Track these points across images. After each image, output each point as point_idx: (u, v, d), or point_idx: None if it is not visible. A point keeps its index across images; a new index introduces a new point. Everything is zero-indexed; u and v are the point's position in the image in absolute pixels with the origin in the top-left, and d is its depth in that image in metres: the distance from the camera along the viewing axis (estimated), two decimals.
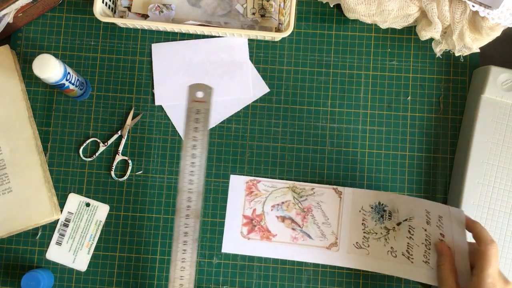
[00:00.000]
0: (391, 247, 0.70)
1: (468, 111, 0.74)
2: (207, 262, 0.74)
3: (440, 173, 0.75)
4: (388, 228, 0.71)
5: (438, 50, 0.75)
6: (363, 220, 0.73)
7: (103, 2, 0.74)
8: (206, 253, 0.74)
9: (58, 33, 0.78)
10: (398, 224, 0.71)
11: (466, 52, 0.73)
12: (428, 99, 0.77)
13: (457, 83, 0.77)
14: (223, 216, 0.75)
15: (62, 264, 0.74)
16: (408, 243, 0.69)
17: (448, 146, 0.76)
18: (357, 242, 0.72)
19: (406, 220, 0.70)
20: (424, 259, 0.67)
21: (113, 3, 0.77)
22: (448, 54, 0.77)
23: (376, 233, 0.72)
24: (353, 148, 0.76)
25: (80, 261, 0.74)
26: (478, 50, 0.73)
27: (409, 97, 0.77)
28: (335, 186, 0.74)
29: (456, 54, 0.74)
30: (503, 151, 0.71)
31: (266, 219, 0.74)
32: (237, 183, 0.75)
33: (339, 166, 0.75)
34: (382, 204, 0.72)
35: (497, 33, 0.70)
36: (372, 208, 0.73)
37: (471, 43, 0.71)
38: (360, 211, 0.73)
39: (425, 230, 0.68)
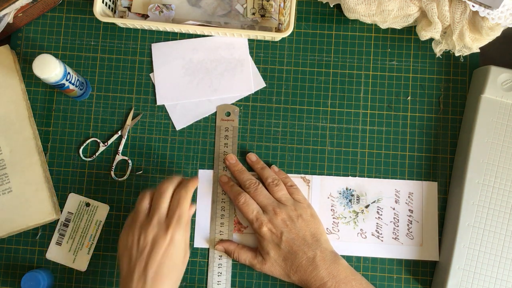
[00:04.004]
0: (361, 229, 0.73)
1: (468, 111, 0.74)
2: (207, 262, 0.74)
3: (440, 173, 0.75)
4: (356, 212, 0.74)
5: (438, 50, 0.75)
6: (331, 206, 0.74)
7: (103, 2, 0.74)
8: (206, 253, 0.74)
9: (58, 33, 0.78)
10: (367, 206, 0.74)
11: (466, 52, 0.73)
12: (428, 99, 0.77)
13: (457, 83, 0.77)
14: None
15: (62, 264, 0.74)
16: (377, 223, 0.74)
17: (448, 146, 0.76)
18: (327, 228, 0.74)
19: (374, 202, 0.74)
20: (393, 236, 0.73)
21: (113, 3, 0.77)
22: (448, 54, 0.77)
23: (345, 218, 0.74)
24: (353, 148, 0.76)
25: (80, 261, 0.74)
26: (478, 50, 0.73)
27: (409, 97, 0.77)
28: (303, 175, 0.75)
29: (456, 54, 0.74)
30: (503, 151, 0.71)
31: (237, 211, 0.74)
32: (205, 178, 0.76)
33: (339, 166, 0.75)
34: (350, 189, 0.74)
35: (497, 33, 0.70)
36: (340, 193, 0.74)
37: (471, 43, 0.71)
38: (328, 197, 0.74)
39: (393, 209, 0.74)
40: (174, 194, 0.65)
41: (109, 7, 0.76)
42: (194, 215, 0.75)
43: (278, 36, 0.74)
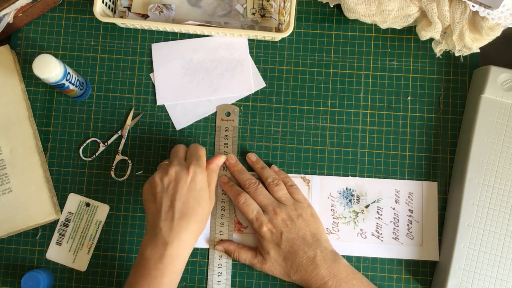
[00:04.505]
0: (361, 229, 0.73)
1: (468, 111, 0.74)
2: (207, 262, 0.74)
3: (440, 173, 0.75)
4: (356, 212, 0.74)
5: (438, 50, 0.75)
6: (331, 206, 0.74)
7: (103, 2, 0.74)
8: (206, 253, 0.74)
9: (58, 33, 0.78)
10: (367, 206, 0.74)
11: (466, 52, 0.73)
12: (428, 99, 0.77)
13: (457, 83, 0.77)
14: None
15: (62, 264, 0.74)
16: (377, 223, 0.73)
17: (448, 146, 0.76)
18: (327, 228, 0.74)
19: (374, 202, 0.74)
20: (393, 236, 0.73)
21: (113, 3, 0.77)
22: (448, 54, 0.77)
23: (345, 218, 0.74)
24: (353, 148, 0.76)
25: (80, 261, 0.74)
26: (478, 50, 0.73)
27: (409, 97, 0.77)
28: (303, 175, 0.75)
29: (456, 54, 0.74)
30: (503, 151, 0.71)
31: (237, 211, 0.74)
32: None
33: (339, 166, 0.75)
34: (350, 189, 0.74)
35: (497, 33, 0.70)
36: (340, 193, 0.74)
37: (471, 43, 0.71)
38: (328, 197, 0.74)
39: (393, 209, 0.74)
40: (190, 146, 0.69)
41: (109, 7, 0.76)
42: None
43: (278, 36, 0.74)
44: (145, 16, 0.77)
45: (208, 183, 0.67)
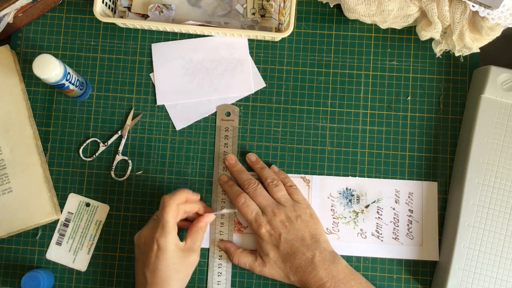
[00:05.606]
0: (361, 229, 0.73)
1: (468, 111, 0.74)
2: (207, 262, 0.74)
3: (440, 173, 0.75)
4: (356, 212, 0.74)
5: (438, 50, 0.75)
6: (331, 206, 0.74)
7: (103, 2, 0.74)
8: (206, 253, 0.74)
9: (58, 33, 0.78)
10: (367, 206, 0.74)
11: (466, 52, 0.73)
12: (428, 99, 0.77)
13: (457, 83, 0.77)
14: None
15: (62, 264, 0.74)
16: (377, 223, 0.74)
17: (448, 146, 0.76)
18: (327, 228, 0.74)
19: (374, 202, 0.74)
20: (393, 236, 0.73)
21: (113, 3, 0.77)
22: (448, 54, 0.77)
23: (345, 218, 0.74)
24: (353, 148, 0.76)
25: (80, 261, 0.74)
26: (478, 50, 0.73)
27: (409, 97, 0.77)
28: (303, 175, 0.75)
29: (456, 54, 0.74)
30: (503, 151, 0.71)
31: (237, 211, 0.74)
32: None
33: (339, 166, 0.75)
34: (350, 189, 0.74)
35: (497, 33, 0.70)
36: (340, 193, 0.74)
37: (471, 43, 0.71)
38: (328, 197, 0.74)
39: (393, 209, 0.74)
40: (161, 199, 0.66)
41: (109, 7, 0.76)
42: None
43: (278, 36, 0.74)
44: (145, 16, 0.77)
45: (191, 243, 0.66)
